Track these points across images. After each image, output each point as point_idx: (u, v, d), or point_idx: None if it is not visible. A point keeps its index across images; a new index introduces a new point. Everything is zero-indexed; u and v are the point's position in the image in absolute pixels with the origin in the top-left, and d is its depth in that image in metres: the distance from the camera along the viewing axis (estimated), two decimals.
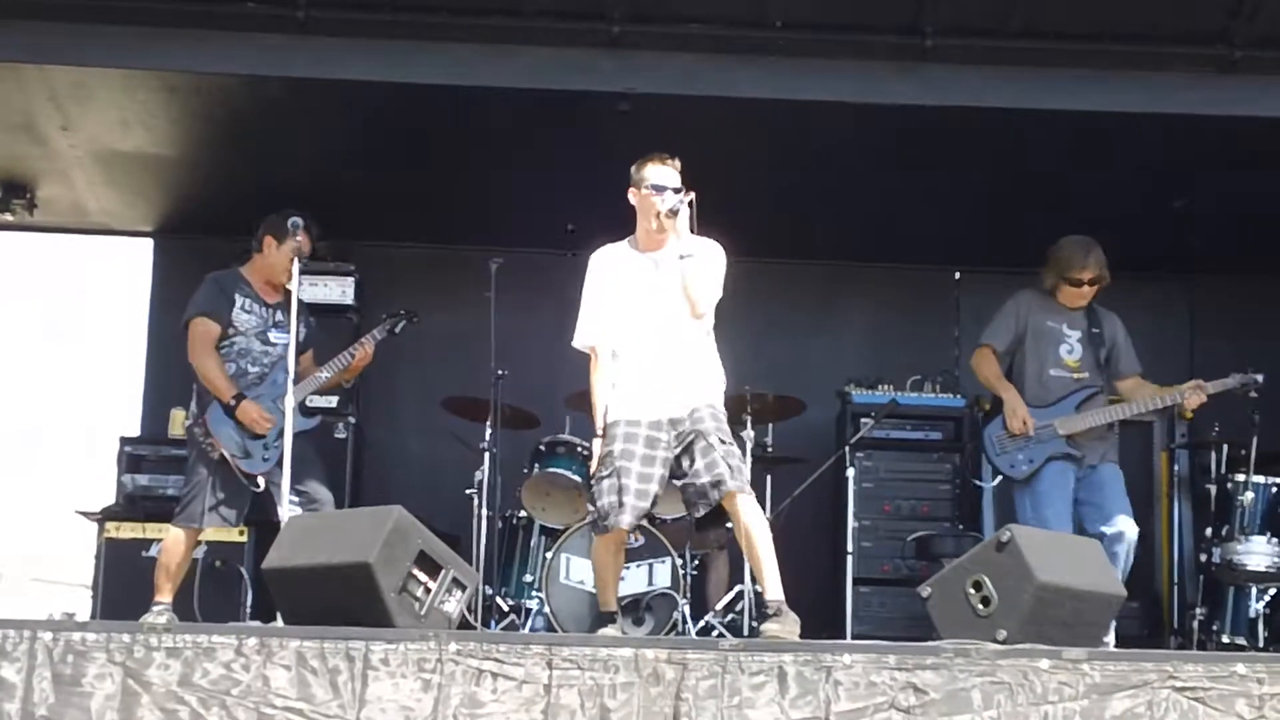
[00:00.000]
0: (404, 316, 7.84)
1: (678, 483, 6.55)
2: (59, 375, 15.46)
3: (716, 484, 6.40)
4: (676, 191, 6.53)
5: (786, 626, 6.23)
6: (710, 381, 6.67)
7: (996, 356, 7.74)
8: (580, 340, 6.76)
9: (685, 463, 6.50)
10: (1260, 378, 7.69)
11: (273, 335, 7.39)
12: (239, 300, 7.38)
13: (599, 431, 6.65)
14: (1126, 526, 7.39)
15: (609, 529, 6.50)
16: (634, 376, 6.61)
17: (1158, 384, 7.84)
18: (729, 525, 8.01)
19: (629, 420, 6.55)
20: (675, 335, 6.58)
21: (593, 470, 6.65)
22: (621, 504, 6.43)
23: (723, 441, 6.50)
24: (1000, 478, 7.77)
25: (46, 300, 14.75)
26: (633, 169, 6.66)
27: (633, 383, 6.60)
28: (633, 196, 6.66)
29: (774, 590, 6.45)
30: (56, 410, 15.42)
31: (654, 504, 6.57)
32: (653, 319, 6.60)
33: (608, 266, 6.73)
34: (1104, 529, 7.35)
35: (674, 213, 6.48)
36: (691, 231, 6.50)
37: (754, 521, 6.49)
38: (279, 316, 7.40)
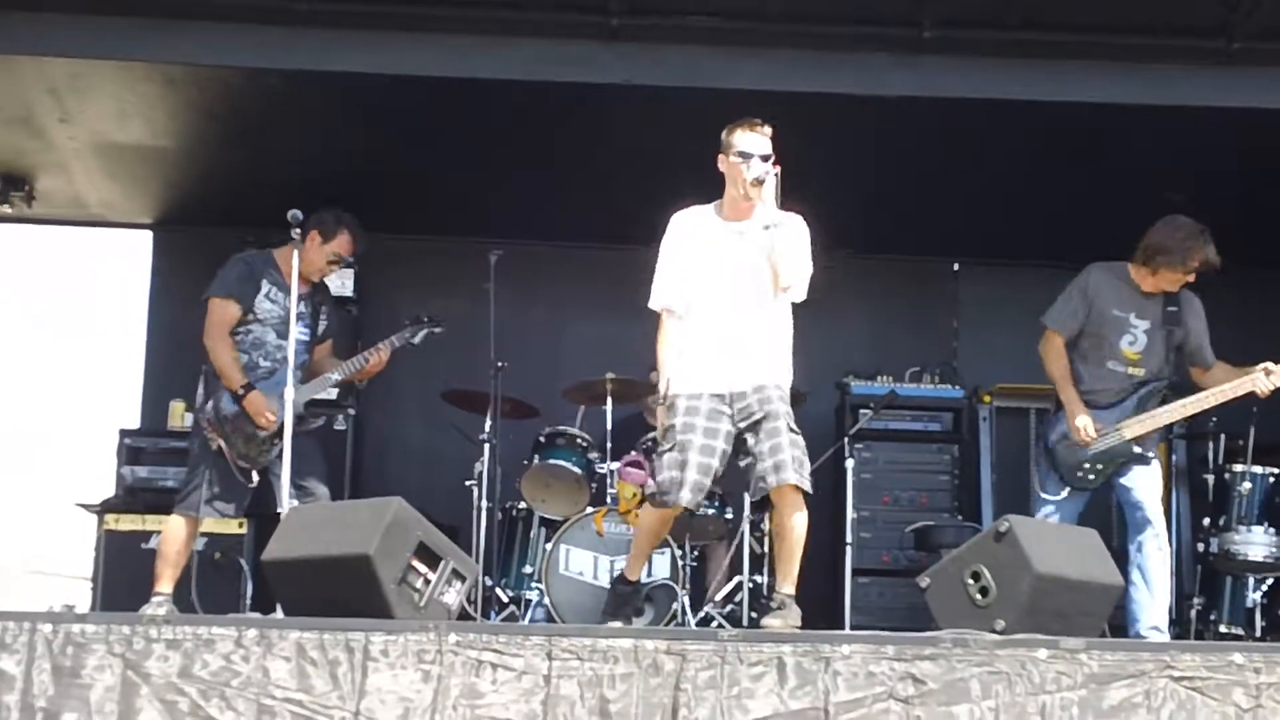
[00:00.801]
0: (427, 325, 7.75)
1: (742, 462, 6.49)
2: (53, 368, 15.43)
3: (778, 469, 6.34)
4: (765, 159, 6.38)
5: (788, 621, 6.25)
6: (782, 364, 6.58)
7: (1064, 345, 7.33)
8: (654, 301, 6.61)
9: (751, 441, 6.41)
10: None
11: (292, 328, 7.24)
12: (265, 287, 7.28)
13: (662, 399, 6.53)
14: (1152, 509, 7.17)
15: (666, 505, 6.46)
16: (701, 346, 6.50)
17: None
18: (728, 516, 8.06)
19: (690, 394, 6.46)
20: (751, 309, 6.48)
21: (659, 442, 6.57)
22: (683, 481, 6.39)
23: (791, 429, 6.44)
24: (1068, 490, 7.30)
25: (39, 292, 14.71)
26: (724, 134, 6.52)
27: (699, 353, 6.50)
28: (721, 163, 6.51)
29: (787, 585, 6.49)
30: (53, 403, 15.40)
31: (716, 481, 6.56)
32: (730, 289, 6.48)
33: (689, 229, 6.59)
34: (1136, 516, 7.17)
35: (759, 181, 6.33)
36: (777, 205, 6.37)
37: (798, 522, 6.43)
38: (301, 308, 7.26)
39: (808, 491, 6.41)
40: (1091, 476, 7.26)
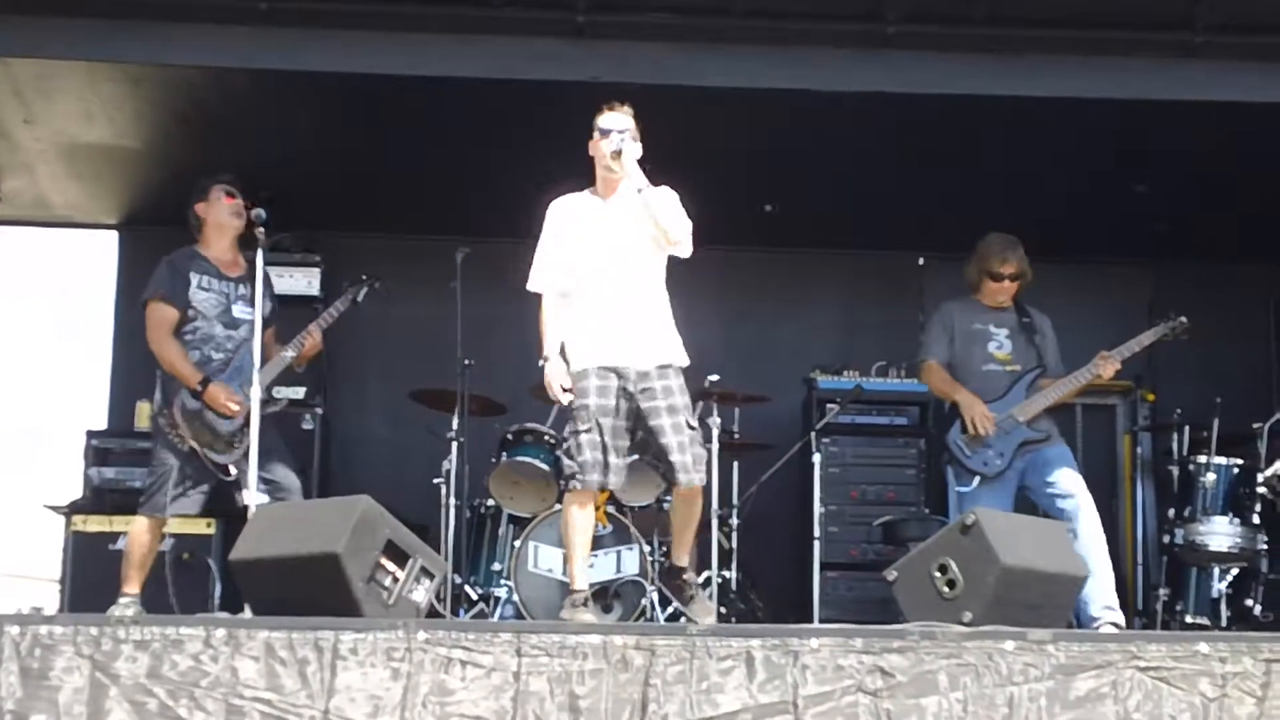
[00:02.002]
0: (365, 282, 7.74)
1: (641, 457, 6.70)
2: (23, 369, 15.36)
3: (686, 468, 6.51)
4: (622, 133, 6.61)
5: (709, 608, 6.66)
6: (675, 339, 6.70)
7: (941, 367, 7.74)
8: (532, 284, 6.79)
9: (655, 426, 6.54)
10: (1185, 319, 7.65)
11: (236, 311, 7.27)
12: (195, 279, 7.26)
13: (545, 357, 6.65)
14: (1080, 494, 7.37)
15: (590, 486, 6.52)
16: (596, 321, 6.61)
17: (1122, 372, 7.74)
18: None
19: (600, 368, 6.55)
20: (635, 280, 6.62)
21: (568, 423, 6.63)
22: (607, 464, 6.49)
23: (690, 426, 6.57)
24: (978, 479, 7.51)
25: (7, 294, 14.64)
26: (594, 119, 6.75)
27: (595, 328, 6.61)
28: (590, 148, 6.74)
29: (685, 559, 6.84)
30: (22, 405, 15.33)
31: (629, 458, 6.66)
32: (613, 263, 6.64)
33: (565, 213, 6.79)
34: (1062, 505, 7.35)
35: (617, 153, 6.58)
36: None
37: (699, 509, 6.80)
38: (241, 290, 7.28)
39: None
40: (998, 462, 7.48)
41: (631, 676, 5.23)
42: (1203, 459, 8.29)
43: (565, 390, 6.58)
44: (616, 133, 6.62)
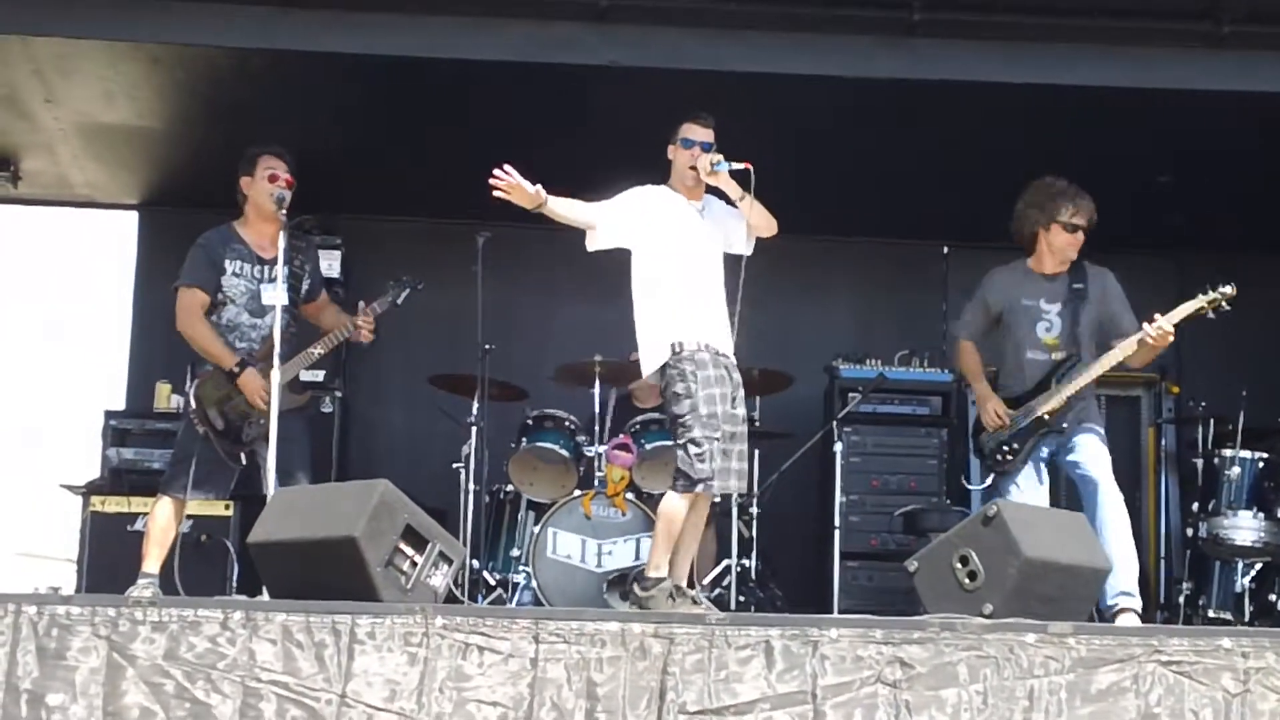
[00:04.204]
0: (407, 284, 7.63)
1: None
2: (41, 351, 15.40)
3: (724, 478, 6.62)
4: (707, 149, 6.79)
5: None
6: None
7: (974, 347, 7.52)
8: (586, 216, 6.80)
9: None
10: (1230, 288, 7.24)
11: (265, 298, 7.15)
12: (230, 265, 7.17)
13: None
14: (1104, 481, 7.13)
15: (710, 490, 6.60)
16: (690, 305, 6.72)
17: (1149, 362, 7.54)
18: (716, 499, 8.05)
19: (712, 350, 6.69)
20: (716, 281, 6.84)
21: (686, 412, 6.58)
22: (726, 470, 6.59)
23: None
24: (992, 477, 7.37)
25: (23, 274, 14.66)
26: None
27: (692, 311, 6.72)
28: (671, 152, 6.87)
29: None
30: (40, 385, 15.37)
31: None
32: (695, 260, 6.79)
33: (650, 196, 6.85)
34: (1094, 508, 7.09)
35: (715, 172, 6.74)
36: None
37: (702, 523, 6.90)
38: (271, 274, 7.16)
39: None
40: (1010, 458, 7.25)
41: (650, 664, 5.21)
42: (1227, 452, 8.25)
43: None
44: (700, 146, 6.80)
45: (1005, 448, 7.28)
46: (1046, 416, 7.20)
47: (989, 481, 7.40)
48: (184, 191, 9.77)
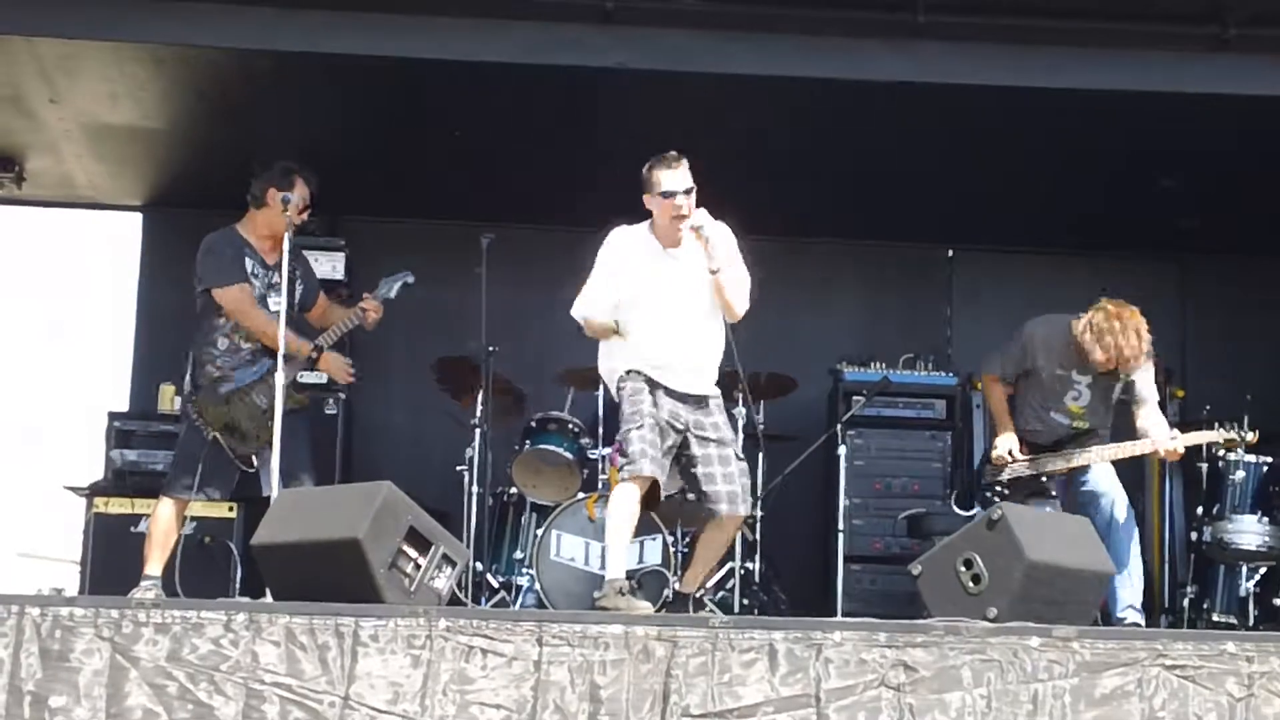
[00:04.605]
0: (400, 278, 7.59)
1: (693, 471, 6.76)
2: (43, 351, 15.42)
3: (731, 500, 6.70)
4: (688, 193, 6.62)
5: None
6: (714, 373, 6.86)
7: (1002, 385, 7.62)
8: (579, 310, 6.80)
9: (700, 462, 6.71)
10: (1252, 435, 7.45)
11: (271, 301, 7.16)
12: (248, 264, 7.17)
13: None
14: (1110, 495, 7.29)
15: (638, 474, 6.57)
16: (655, 351, 6.69)
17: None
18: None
19: (665, 388, 6.67)
20: (692, 327, 6.73)
21: (624, 419, 6.67)
22: (651, 457, 6.57)
23: (738, 457, 6.79)
24: (977, 509, 7.48)
25: (27, 275, 14.69)
26: (644, 171, 6.70)
27: (656, 355, 6.69)
28: (647, 201, 6.72)
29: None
30: (42, 386, 15.38)
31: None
32: (671, 310, 6.71)
33: (628, 249, 6.79)
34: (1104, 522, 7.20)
35: (699, 229, 6.62)
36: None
37: (721, 544, 7.01)
38: (274, 279, 7.17)
39: None
40: (997, 500, 7.22)
41: (653, 667, 5.21)
42: (1232, 456, 8.21)
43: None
44: (683, 195, 6.62)
45: (999, 486, 7.47)
46: (1045, 479, 7.41)
47: (974, 511, 7.49)
48: (188, 192, 9.76)
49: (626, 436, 6.62)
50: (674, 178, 6.65)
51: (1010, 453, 7.41)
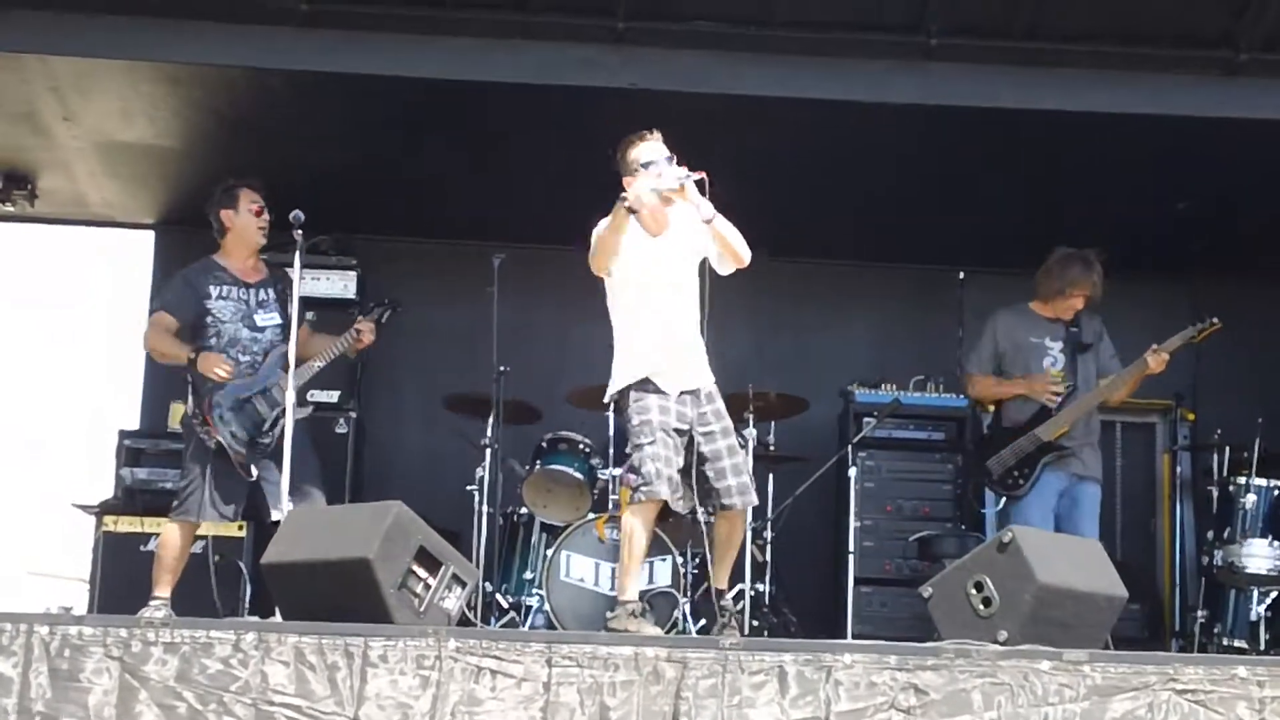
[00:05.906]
0: (388, 306, 7.63)
1: (704, 469, 6.69)
2: (53, 368, 15.42)
3: (743, 492, 6.69)
4: (669, 160, 6.59)
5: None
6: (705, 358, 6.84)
7: (982, 375, 7.89)
8: (597, 231, 6.80)
9: (710, 457, 6.67)
10: (1216, 320, 7.66)
11: (258, 318, 7.23)
12: (214, 290, 7.20)
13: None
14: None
15: (652, 497, 6.54)
16: (652, 347, 6.68)
17: (1160, 388, 7.91)
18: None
19: (668, 393, 6.63)
20: (686, 312, 6.71)
21: (632, 432, 6.66)
22: (667, 477, 6.54)
23: (742, 444, 6.83)
24: (1004, 500, 7.74)
25: (38, 292, 14.69)
26: (619, 156, 6.70)
27: (652, 352, 6.67)
28: (628, 184, 6.65)
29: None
30: (52, 404, 15.39)
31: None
32: (667, 304, 6.70)
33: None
34: None
35: (682, 187, 6.53)
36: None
37: (738, 536, 6.95)
38: (261, 296, 7.25)
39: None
40: (1022, 481, 7.62)
41: (663, 689, 5.20)
42: (1243, 480, 8.23)
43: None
44: (663, 161, 6.59)
45: (1015, 473, 7.64)
46: (1050, 440, 7.59)
47: (1001, 504, 7.72)
48: (201, 211, 9.75)
49: (640, 455, 6.59)
50: (651, 149, 6.65)
51: (1047, 385, 7.64)
